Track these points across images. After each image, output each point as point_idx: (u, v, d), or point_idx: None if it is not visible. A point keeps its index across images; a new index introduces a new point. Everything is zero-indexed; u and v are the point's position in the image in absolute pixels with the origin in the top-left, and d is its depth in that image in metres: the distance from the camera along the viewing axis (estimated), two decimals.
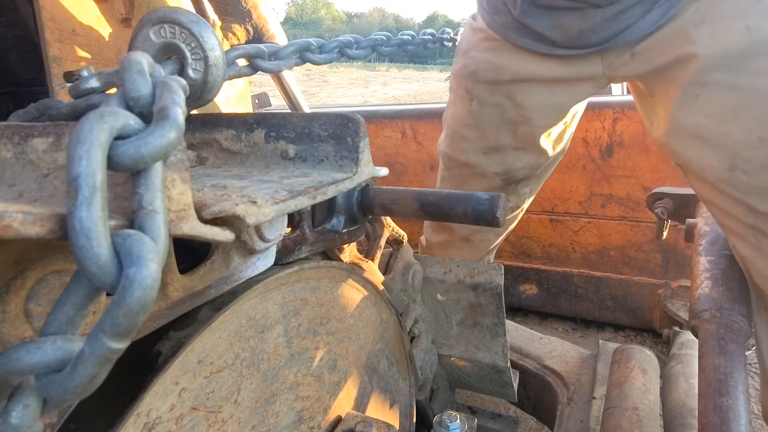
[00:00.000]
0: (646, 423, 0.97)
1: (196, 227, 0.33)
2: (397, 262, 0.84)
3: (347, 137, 0.48)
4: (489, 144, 1.23)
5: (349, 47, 0.79)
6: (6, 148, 0.37)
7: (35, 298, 0.33)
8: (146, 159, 0.29)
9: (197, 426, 0.49)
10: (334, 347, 0.70)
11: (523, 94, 1.15)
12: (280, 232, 0.51)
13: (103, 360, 0.28)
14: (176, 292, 0.43)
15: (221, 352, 0.51)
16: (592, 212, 2.08)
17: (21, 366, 0.27)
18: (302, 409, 0.64)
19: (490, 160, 1.25)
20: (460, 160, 1.29)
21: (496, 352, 0.92)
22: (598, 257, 2.12)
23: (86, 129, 0.28)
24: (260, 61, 0.64)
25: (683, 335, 1.54)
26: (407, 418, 0.91)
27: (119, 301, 0.27)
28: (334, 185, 0.45)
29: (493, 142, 1.23)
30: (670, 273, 2.01)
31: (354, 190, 0.67)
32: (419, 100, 12.30)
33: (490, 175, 1.27)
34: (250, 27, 1.52)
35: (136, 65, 0.33)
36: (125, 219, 0.30)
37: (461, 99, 1.24)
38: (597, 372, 1.21)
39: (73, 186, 0.27)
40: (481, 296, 0.88)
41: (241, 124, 0.52)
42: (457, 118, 1.27)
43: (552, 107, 1.17)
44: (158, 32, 0.49)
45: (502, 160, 1.25)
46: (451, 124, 1.30)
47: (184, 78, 0.50)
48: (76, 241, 0.26)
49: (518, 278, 2.26)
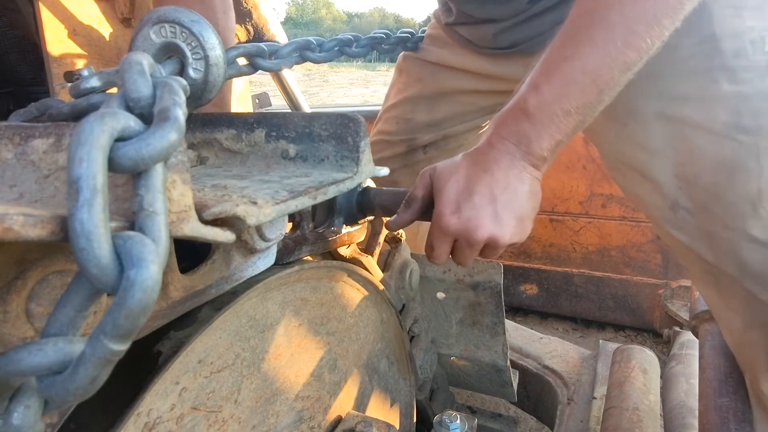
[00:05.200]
0: (647, 423, 0.97)
1: (196, 228, 0.33)
2: (395, 260, 0.84)
3: (348, 137, 0.48)
4: (404, 115, 1.28)
5: (349, 45, 0.79)
6: (7, 149, 0.37)
7: (36, 298, 0.33)
8: (147, 160, 0.29)
9: (197, 426, 0.49)
10: (334, 347, 0.70)
11: (446, 75, 1.22)
12: (281, 231, 0.51)
13: (104, 362, 0.28)
14: (177, 291, 0.43)
15: (222, 352, 0.51)
16: (592, 212, 2.08)
17: (22, 367, 0.27)
18: (302, 409, 0.64)
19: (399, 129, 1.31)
20: (378, 127, 1.35)
21: (495, 351, 0.92)
22: (598, 257, 2.12)
23: (87, 131, 0.28)
24: (260, 60, 0.64)
25: (683, 335, 1.54)
26: (407, 418, 0.91)
27: (120, 303, 0.27)
28: (334, 185, 0.45)
29: (407, 114, 1.28)
30: (670, 273, 2.01)
31: (354, 191, 0.68)
32: None
33: (395, 142, 1.30)
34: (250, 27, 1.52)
35: (137, 66, 0.33)
36: (126, 220, 0.30)
37: (395, 72, 1.34)
38: (597, 372, 1.21)
39: (74, 188, 0.27)
40: (480, 295, 0.88)
41: (241, 123, 0.52)
42: (389, 90, 1.36)
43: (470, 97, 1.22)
44: (159, 32, 0.49)
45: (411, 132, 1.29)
46: (385, 95, 1.38)
47: (185, 78, 0.50)
48: (77, 243, 0.26)
49: (518, 278, 2.26)
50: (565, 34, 0.62)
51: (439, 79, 1.23)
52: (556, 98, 0.60)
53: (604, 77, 0.59)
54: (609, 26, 0.58)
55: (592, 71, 0.59)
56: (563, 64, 0.60)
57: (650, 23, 0.57)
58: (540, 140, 0.62)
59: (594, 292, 2.14)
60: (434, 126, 1.26)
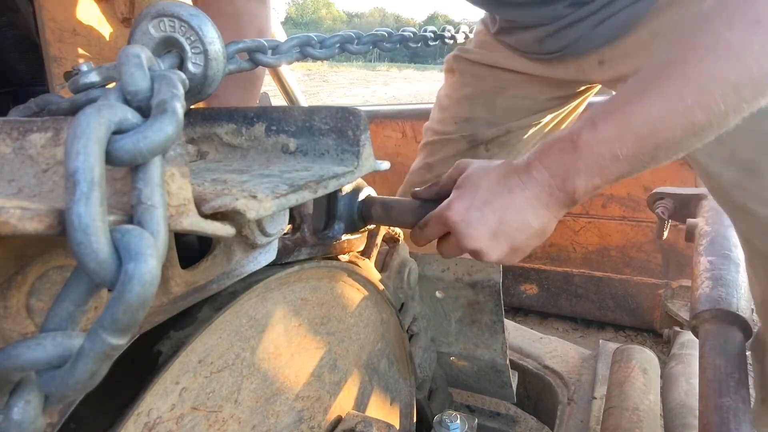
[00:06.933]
0: (647, 423, 0.97)
1: (196, 222, 0.33)
2: (393, 260, 0.84)
3: (348, 131, 0.48)
4: (462, 114, 1.29)
5: (350, 42, 0.78)
6: (5, 144, 0.36)
7: (37, 293, 0.33)
8: (145, 153, 0.29)
9: (197, 426, 0.48)
10: (334, 347, 0.70)
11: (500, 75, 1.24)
12: (282, 226, 0.51)
13: (103, 356, 0.27)
14: (178, 287, 0.43)
15: (222, 352, 0.51)
16: (592, 212, 2.08)
17: (21, 362, 0.27)
18: (302, 409, 0.64)
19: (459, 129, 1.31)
20: (433, 128, 1.36)
21: (494, 350, 0.91)
22: (598, 257, 2.12)
23: (83, 123, 0.27)
24: (260, 56, 0.63)
25: (684, 335, 1.54)
26: (407, 418, 0.91)
27: (119, 297, 0.27)
28: (335, 179, 0.45)
29: (466, 113, 1.28)
30: (670, 273, 2.01)
31: (355, 199, 0.68)
32: (420, 100, 12.30)
33: (457, 138, 1.31)
34: None
35: (134, 59, 0.33)
36: (124, 214, 0.30)
37: (447, 74, 1.36)
38: (597, 372, 1.21)
39: (71, 181, 0.26)
40: (479, 294, 0.88)
41: (241, 117, 0.51)
42: (440, 92, 1.38)
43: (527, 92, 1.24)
44: (157, 26, 0.49)
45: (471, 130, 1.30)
46: (436, 99, 1.40)
47: (184, 72, 0.50)
48: (74, 236, 0.26)
49: (518, 278, 2.26)
50: (638, 81, 0.60)
51: (493, 76, 1.25)
52: (609, 140, 0.59)
53: (664, 132, 0.57)
54: (683, 81, 0.56)
55: (653, 122, 0.57)
56: (626, 108, 0.59)
57: (728, 88, 0.54)
58: (577, 178, 0.60)
59: (594, 292, 2.14)
60: (495, 122, 1.26)
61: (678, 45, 0.58)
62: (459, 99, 1.30)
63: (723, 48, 0.54)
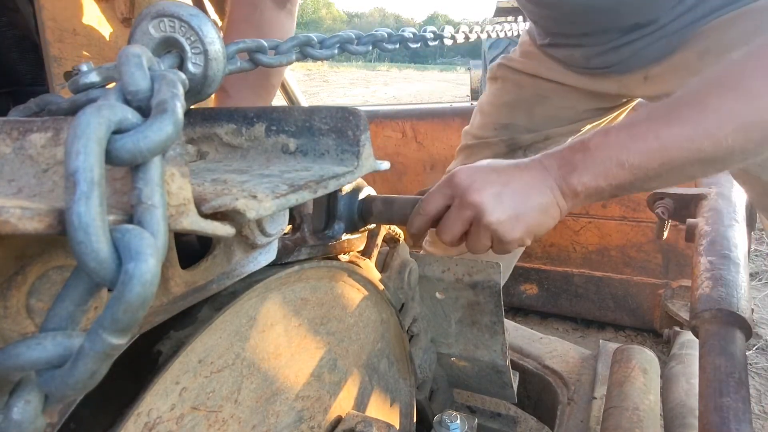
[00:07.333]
0: (647, 423, 0.97)
1: (195, 222, 0.33)
2: (393, 261, 0.84)
3: (348, 131, 0.48)
4: (501, 121, 1.31)
5: (350, 42, 0.78)
6: (5, 144, 0.36)
7: (37, 293, 0.33)
8: (145, 153, 0.29)
9: (198, 426, 0.48)
10: (334, 347, 0.70)
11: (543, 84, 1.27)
12: (282, 226, 0.51)
13: (103, 356, 0.27)
14: (178, 287, 0.43)
15: (222, 352, 0.51)
16: (592, 212, 2.08)
17: (21, 362, 0.27)
18: (302, 409, 0.64)
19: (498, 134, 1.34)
20: (472, 132, 1.39)
21: (495, 351, 0.91)
22: (598, 257, 2.12)
23: (83, 123, 0.27)
24: (261, 56, 0.63)
25: (684, 335, 1.54)
26: (407, 418, 0.91)
27: (119, 297, 0.27)
28: (335, 179, 0.45)
29: (505, 119, 1.31)
30: (670, 273, 2.01)
31: (355, 198, 0.68)
32: (420, 100, 12.31)
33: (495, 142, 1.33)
34: None
35: (134, 59, 0.33)
36: (124, 214, 0.30)
37: (489, 82, 1.39)
38: (597, 372, 1.21)
39: (71, 181, 0.26)
40: (479, 294, 0.88)
41: (241, 117, 0.51)
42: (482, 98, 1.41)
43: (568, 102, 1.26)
44: (157, 26, 0.49)
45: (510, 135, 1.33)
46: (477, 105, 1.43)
47: (184, 72, 0.50)
48: (74, 236, 0.26)
49: (518, 278, 2.26)
50: (663, 104, 0.64)
51: (535, 85, 1.27)
52: (618, 146, 0.62)
53: (672, 152, 0.61)
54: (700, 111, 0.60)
55: (663, 140, 0.60)
56: (642, 123, 0.62)
57: (738, 127, 0.59)
58: (582, 175, 0.63)
59: (594, 292, 2.14)
60: (533, 128, 1.29)
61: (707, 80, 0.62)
62: (500, 105, 1.32)
63: (743, 92, 0.59)
